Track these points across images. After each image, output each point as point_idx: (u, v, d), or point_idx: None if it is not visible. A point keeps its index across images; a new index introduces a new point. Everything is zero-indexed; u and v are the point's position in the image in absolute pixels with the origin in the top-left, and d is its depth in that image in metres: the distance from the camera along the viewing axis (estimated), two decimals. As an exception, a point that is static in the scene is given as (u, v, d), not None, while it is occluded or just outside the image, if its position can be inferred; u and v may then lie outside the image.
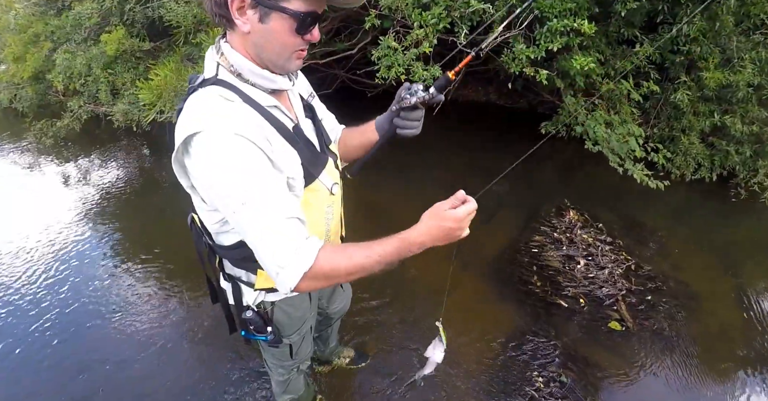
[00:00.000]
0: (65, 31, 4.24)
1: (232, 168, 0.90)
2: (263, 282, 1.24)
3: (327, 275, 0.98)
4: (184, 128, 0.92)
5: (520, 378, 2.28)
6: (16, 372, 2.33)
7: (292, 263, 0.94)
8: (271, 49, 0.96)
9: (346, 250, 1.00)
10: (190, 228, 1.27)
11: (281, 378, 1.75)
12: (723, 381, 2.39)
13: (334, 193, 1.19)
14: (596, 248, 3.11)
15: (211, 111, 0.93)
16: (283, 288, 0.97)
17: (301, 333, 1.49)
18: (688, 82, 3.64)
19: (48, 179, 4.38)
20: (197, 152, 0.92)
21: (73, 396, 2.20)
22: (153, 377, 2.28)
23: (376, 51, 3.07)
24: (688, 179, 3.94)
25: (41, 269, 3.05)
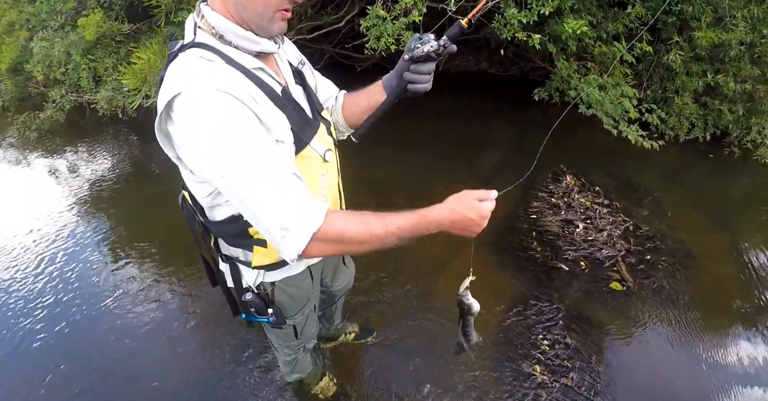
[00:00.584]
0: (41, 19, 4.10)
1: (217, 126, 0.84)
2: (260, 259, 1.20)
3: (338, 237, 0.91)
4: (165, 93, 0.87)
5: (526, 343, 2.31)
6: (13, 363, 2.33)
7: (298, 223, 0.88)
8: (253, 8, 0.91)
9: (363, 216, 0.94)
10: (182, 208, 1.23)
11: (288, 358, 1.75)
12: (722, 334, 2.44)
13: (328, 160, 1.13)
14: (594, 211, 3.13)
15: (191, 72, 0.88)
16: (290, 253, 0.90)
17: (304, 313, 1.47)
18: (680, 43, 3.61)
19: (35, 173, 4.29)
20: (179, 115, 0.86)
21: (73, 386, 2.19)
22: (156, 364, 2.28)
23: (364, 21, 3.00)
24: (682, 139, 3.96)
25: (35, 263, 3.00)
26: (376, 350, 2.29)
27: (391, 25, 2.94)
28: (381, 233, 0.93)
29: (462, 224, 0.98)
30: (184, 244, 2.84)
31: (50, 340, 2.44)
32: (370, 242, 0.94)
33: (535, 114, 4.28)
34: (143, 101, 3.37)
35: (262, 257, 1.19)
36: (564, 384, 2.12)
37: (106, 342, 2.41)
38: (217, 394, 2.12)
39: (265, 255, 1.19)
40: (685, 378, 2.22)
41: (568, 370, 2.18)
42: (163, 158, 0.98)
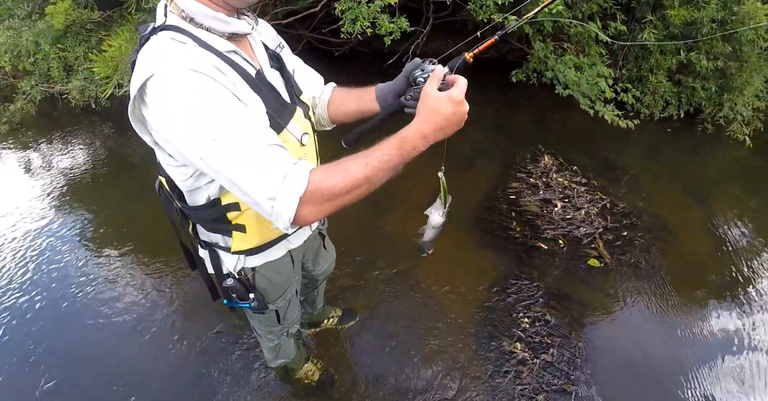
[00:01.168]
0: (6, 7, 3.97)
1: (192, 106, 0.83)
2: (239, 244, 1.21)
3: (327, 194, 0.88)
4: (137, 77, 0.86)
5: (507, 321, 2.37)
6: None
7: (283, 191, 0.86)
8: None
9: (342, 163, 0.91)
10: (159, 194, 1.22)
11: (271, 344, 1.76)
12: (698, 306, 2.53)
13: (305, 143, 1.13)
14: (572, 190, 3.18)
15: (163, 54, 0.87)
16: (282, 221, 0.88)
17: (286, 298, 1.48)
18: (654, 21, 3.64)
19: (7, 167, 4.19)
20: (152, 98, 0.85)
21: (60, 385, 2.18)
22: (142, 354, 2.28)
23: (339, 4, 2.97)
24: (657, 117, 4.02)
25: (10, 258, 2.95)
26: (359, 333, 2.32)
27: (366, 8, 2.91)
28: (366, 173, 0.90)
29: (446, 122, 0.93)
30: (165, 233, 2.80)
31: (28, 336, 2.42)
32: (359, 186, 0.90)
33: (514, 95, 4.29)
34: (115, 90, 3.30)
35: (241, 242, 1.20)
36: (544, 360, 2.18)
37: (88, 335, 2.40)
38: (203, 381, 2.13)
39: (244, 240, 1.20)
40: (664, 350, 2.30)
41: (548, 346, 2.24)
42: (139, 148, 0.97)
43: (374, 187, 0.93)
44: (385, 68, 4.60)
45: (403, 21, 3.04)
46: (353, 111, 1.28)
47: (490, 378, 2.11)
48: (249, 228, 1.17)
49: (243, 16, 1.03)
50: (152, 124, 0.90)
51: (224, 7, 0.95)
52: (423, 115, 0.93)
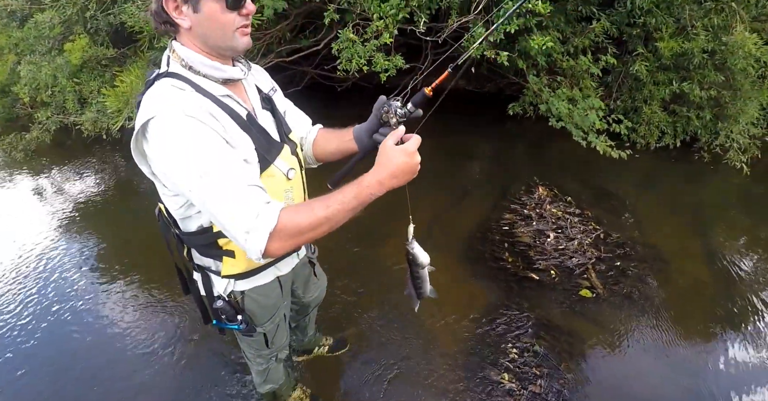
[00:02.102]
0: (29, 43, 4.20)
1: (186, 145, 0.96)
2: (229, 269, 1.30)
3: (292, 231, 0.99)
4: (140, 117, 1.00)
5: (495, 351, 2.38)
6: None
7: (256, 227, 0.96)
8: (213, 33, 1.04)
9: (309, 205, 1.04)
10: (158, 219, 1.33)
11: (260, 368, 1.81)
12: (694, 338, 2.50)
13: (291, 177, 1.24)
14: (565, 220, 3.22)
15: (163, 98, 1.00)
16: (254, 253, 0.99)
17: (274, 322, 1.55)
18: (645, 54, 3.75)
19: (21, 193, 4.36)
20: (152, 136, 0.98)
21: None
22: (135, 377, 2.33)
23: (335, 44, 3.12)
24: (653, 147, 4.08)
25: (20, 280, 3.06)
26: (349, 362, 2.35)
27: (362, 47, 3.05)
28: (328, 214, 1.01)
29: (400, 171, 1.04)
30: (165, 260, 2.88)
31: (29, 355, 2.49)
32: (321, 225, 1.01)
33: (510, 128, 4.39)
34: (126, 122, 3.45)
35: (231, 267, 1.29)
36: (532, 391, 2.19)
37: (86, 357, 2.46)
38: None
39: (234, 265, 1.29)
40: (657, 384, 2.27)
41: (536, 377, 2.25)
42: (144, 177, 1.09)
43: (336, 225, 1.04)
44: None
45: (398, 59, 3.18)
46: (334, 151, 1.42)
47: (477, 408, 2.12)
48: (237, 254, 1.26)
49: (237, 63, 1.18)
50: (151, 158, 1.04)
51: (219, 57, 1.09)
52: (380, 163, 1.05)
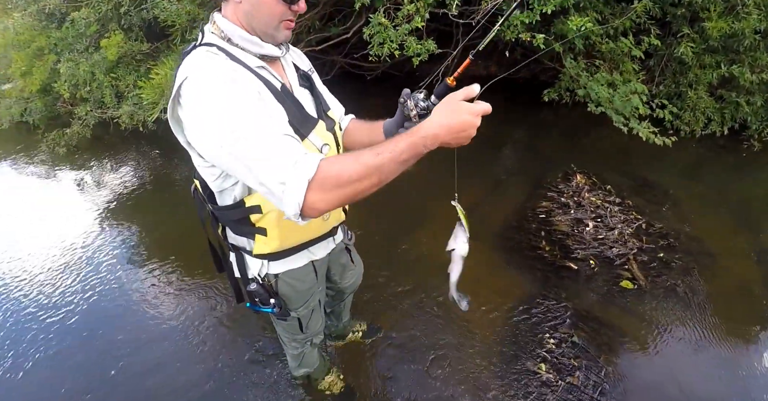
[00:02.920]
0: (67, 42, 4.35)
1: (217, 101, 0.93)
2: (261, 247, 1.27)
3: (335, 181, 0.89)
4: (178, 78, 0.98)
5: (532, 341, 2.30)
6: (41, 361, 2.45)
7: (293, 176, 0.88)
8: (260, 17, 1.05)
9: (355, 153, 0.93)
10: (194, 196, 1.33)
11: (295, 352, 1.80)
12: (741, 337, 2.36)
13: (324, 153, 1.18)
14: (605, 209, 3.09)
15: (196, 62, 0.99)
16: (292, 208, 0.90)
17: (308, 307, 1.53)
18: (691, 35, 3.55)
19: (64, 186, 4.51)
20: (185, 98, 0.96)
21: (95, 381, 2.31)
22: (176, 360, 2.37)
23: (367, 29, 3.07)
24: (698, 134, 3.87)
25: (63, 269, 3.17)
26: (383, 348, 2.32)
27: (393, 31, 3.00)
28: (377, 162, 0.90)
29: (458, 128, 0.93)
30: (201, 249, 2.94)
31: (72, 341, 2.57)
32: (369, 176, 0.90)
33: (545, 114, 4.26)
34: (161, 114, 3.51)
35: (263, 245, 1.27)
36: (570, 382, 2.10)
37: (129, 340, 2.52)
38: (231, 387, 2.20)
39: (266, 244, 1.27)
40: (700, 383, 2.15)
41: (574, 369, 2.16)
42: (180, 167, 1.07)
43: (384, 179, 0.93)
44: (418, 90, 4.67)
45: (430, 43, 3.11)
46: (364, 141, 1.37)
47: (512, 398, 2.05)
48: (270, 232, 1.24)
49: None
50: (185, 122, 1.00)
51: (259, 35, 1.09)
52: (441, 113, 0.95)
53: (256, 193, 1.16)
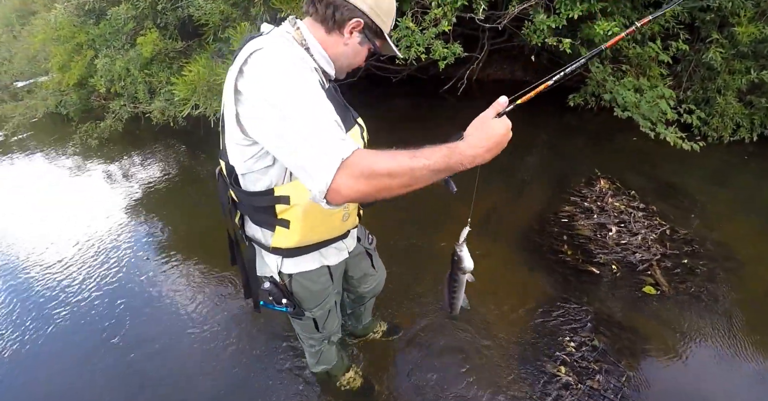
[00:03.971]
0: (104, 38, 4.50)
1: (284, 74, 0.99)
2: (279, 240, 1.29)
3: (367, 169, 0.89)
4: (245, 52, 1.04)
5: (552, 343, 2.32)
6: (65, 353, 2.56)
7: (328, 153, 0.90)
8: (351, 61, 1.23)
9: (391, 151, 0.93)
10: (217, 179, 1.34)
11: (312, 350, 1.85)
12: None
13: None
14: (629, 214, 3.08)
15: (272, 40, 1.09)
16: (319, 186, 0.90)
17: (324, 308, 1.57)
18: (720, 40, 3.51)
19: (95, 177, 4.67)
20: (253, 66, 1.01)
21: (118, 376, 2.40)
22: (197, 355, 2.45)
23: (394, 33, 3.12)
24: (727, 140, 3.82)
25: (92, 260, 3.30)
26: (402, 347, 2.36)
27: (420, 35, 3.04)
28: (411, 163, 0.90)
29: (495, 144, 0.97)
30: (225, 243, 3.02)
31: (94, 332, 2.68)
32: (400, 175, 0.90)
33: (569, 119, 4.25)
34: (192, 111, 3.62)
35: (282, 238, 1.29)
36: (590, 386, 2.11)
37: (148, 335, 2.61)
38: (252, 382, 2.26)
39: (286, 237, 1.28)
40: (723, 390, 2.12)
41: (594, 372, 2.17)
42: (207, 163, 1.13)
43: (414, 183, 0.93)
44: (441, 94, 4.71)
45: (456, 47, 3.14)
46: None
47: (532, 400, 2.08)
48: (293, 225, 1.25)
49: None
50: (244, 91, 1.02)
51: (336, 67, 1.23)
52: (477, 133, 0.98)
53: (287, 183, 1.19)
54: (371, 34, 1.19)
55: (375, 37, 1.20)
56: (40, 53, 5.75)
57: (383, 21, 1.18)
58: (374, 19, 1.16)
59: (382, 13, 1.17)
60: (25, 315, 2.86)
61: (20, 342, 2.65)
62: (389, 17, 1.20)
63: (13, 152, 5.73)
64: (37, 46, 5.50)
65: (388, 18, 1.19)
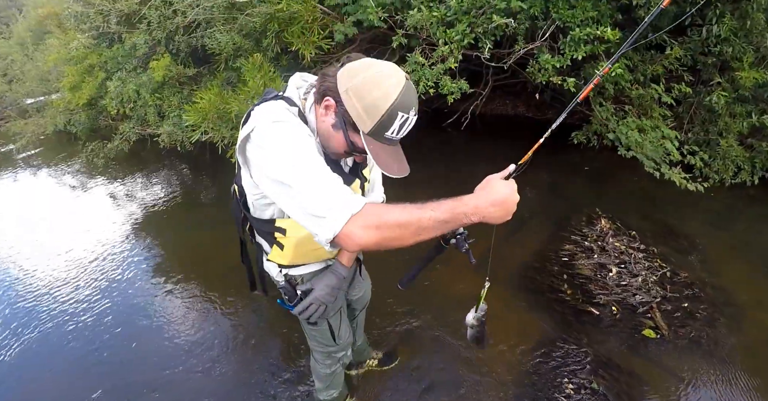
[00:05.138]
0: (116, 61, 4.60)
1: (285, 142, 1.04)
2: (275, 256, 1.39)
3: (377, 220, 0.95)
4: (250, 124, 1.09)
5: (550, 385, 2.29)
6: (69, 371, 2.56)
7: (340, 205, 0.95)
8: (326, 141, 1.18)
9: (400, 204, 0.99)
10: (232, 197, 1.42)
11: (328, 370, 1.85)
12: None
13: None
14: (629, 255, 3.08)
15: (276, 113, 1.10)
16: (326, 234, 0.96)
17: (335, 308, 1.60)
18: (722, 84, 3.58)
19: (97, 195, 4.72)
20: (258, 138, 1.07)
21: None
22: (195, 382, 2.43)
23: (404, 67, 3.19)
24: (728, 183, 3.85)
25: (92, 280, 3.30)
26: (399, 380, 2.34)
27: (429, 70, 3.11)
28: (418, 214, 0.96)
29: (500, 202, 1.01)
30: (225, 268, 3.08)
31: (96, 349, 2.68)
32: (408, 225, 0.95)
33: (571, 157, 4.29)
34: (201, 136, 3.67)
35: (276, 255, 1.39)
36: (588, 431, 2.08)
37: (148, 357, 2.60)
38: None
39: (280, 256, 1.38)
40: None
41: (592, 417, 2.14)
42: (210, 188, 1.18)
43: (421, 234, 0.97)
44: (444, 127, 4.78)
45: (463, 83, 3.21)
46: None
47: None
48: (286, 249, 1.36)
49: None
50: (251, 156, 1.11)
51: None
52: (483, 190, 1.05)
53: (287, 218, 1.29)
54: (347, 123, 1.09)
55: (351, 129, 1.10)
56: (52, 73, 5.87)
57: (359, 115, 1.06)
58: (348, 108, 1.07)
59: (361, 105, 1.05)
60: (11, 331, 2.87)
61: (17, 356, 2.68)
62: (371, 116, 1.05)
63: (20, 168, 5.79)
64: (50, 66, 5.62)
65: (369, 116, 1.06)
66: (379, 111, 1.04)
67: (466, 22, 3.04)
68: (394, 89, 1.04)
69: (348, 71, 1.08)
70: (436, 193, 1.04)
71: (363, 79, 1.05)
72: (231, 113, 3.31)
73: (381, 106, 1.04)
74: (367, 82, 1.04)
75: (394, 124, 1.07)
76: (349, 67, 1.08)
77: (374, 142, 1.09)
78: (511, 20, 2.96)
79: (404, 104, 1.06)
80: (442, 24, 3.13)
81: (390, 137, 1.09)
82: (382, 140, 1.10)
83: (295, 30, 3.26)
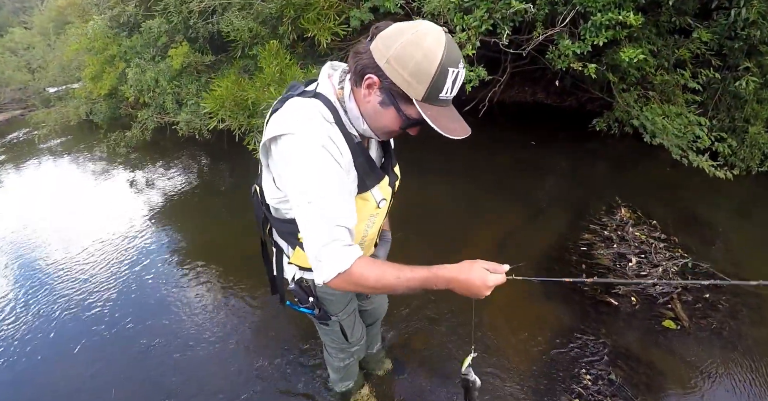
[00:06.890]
0: (136, 50, 4.64)
1: (310, 174, 1.05)
2: (297, 258, 1.38)
3: (358, 281, 1.07)
4: (278, 126, 1.07)
5: (567, 376, 2.28)
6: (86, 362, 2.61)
7: (330, 262, 1.05)
8: (377, 123, 1.12)
9: (381, 267, 1.09)
10: (252, 197, 1.42)
11: (341, 364, 1.86)
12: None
13: (381, 207, 1.29)
14: (649, 245, 3.03)
15: (308, 120, 1.07)
16: (317, 278, 1.09)
17: (347, 312, 1.60)
18: (751, 69, 3.45)
19: (119, 185, 4.80)
20: (284, 150, 1.07)
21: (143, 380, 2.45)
22: (213, 372, 2.47)
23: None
24: (755, 171, 3.74)
25: (113, 265, 3.38)
26: (413, 374, 2.34)
27: (446, 57, 3.06)
28: (392, 283, 1.08)
29: (465, 286, 1.09)
30: (242, 255, 3.11)
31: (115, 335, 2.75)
32: (382, 288, 1.09)
33: (591, 144, 4.21)
34: (218, 124, 3.70)
35: (298, 257, 1.37)
36: (605, 421, 2.07)
37: (168, 345, 2.65)
38: (263, 395, 2.30)
39: (301, 257, 1.35)
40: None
41: (610, 408, 2.13)
42: (227, 178, 1.18)
43: (394, 293, 1.14)
44: (462, 115, 4.69)
45: (481, 70, 3.16)
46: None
47: (545, 434, 2.04)
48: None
49: None
50: (274, 165, 1.15)
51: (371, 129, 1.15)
52: (461, 269, 1.09)
53: None
54: (396, 96, 1.03)
55: (402, 101, 1.03)
56: (73, 62, 5.95)
57: (407, 82, 0.99)
58: (393, 79, 1.00)
59: (408, 72, 0.98)
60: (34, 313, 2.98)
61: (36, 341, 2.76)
62: (421, 81, 0.98)
63: (44, 156, 5.92)
64: (71, 55, 5.70)
65: (419, 81, 0.98)
66: (429, 72, 0.97)
67: (485, 7, 2.98)
68: (437, 46, 0.96)
69: (382, 41, 1.00)
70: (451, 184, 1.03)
71: (401, 44, 0.97)
72: (248, 100, 3.32)
73: (429, 67, 0.96)
74: (406, 46, 0.97)
75: (446, 82, 1.00)
76: (382, 36, 1.01)
77: (430, 107, 1.02)
78: (530, 5, 2.89)
79: (451, 59, 0.97)
80: (459, 10, 3.07)
81: (445, 97, 1.02)
82: (438, 103, 1.03)
83: (311, 16, 3.24)
